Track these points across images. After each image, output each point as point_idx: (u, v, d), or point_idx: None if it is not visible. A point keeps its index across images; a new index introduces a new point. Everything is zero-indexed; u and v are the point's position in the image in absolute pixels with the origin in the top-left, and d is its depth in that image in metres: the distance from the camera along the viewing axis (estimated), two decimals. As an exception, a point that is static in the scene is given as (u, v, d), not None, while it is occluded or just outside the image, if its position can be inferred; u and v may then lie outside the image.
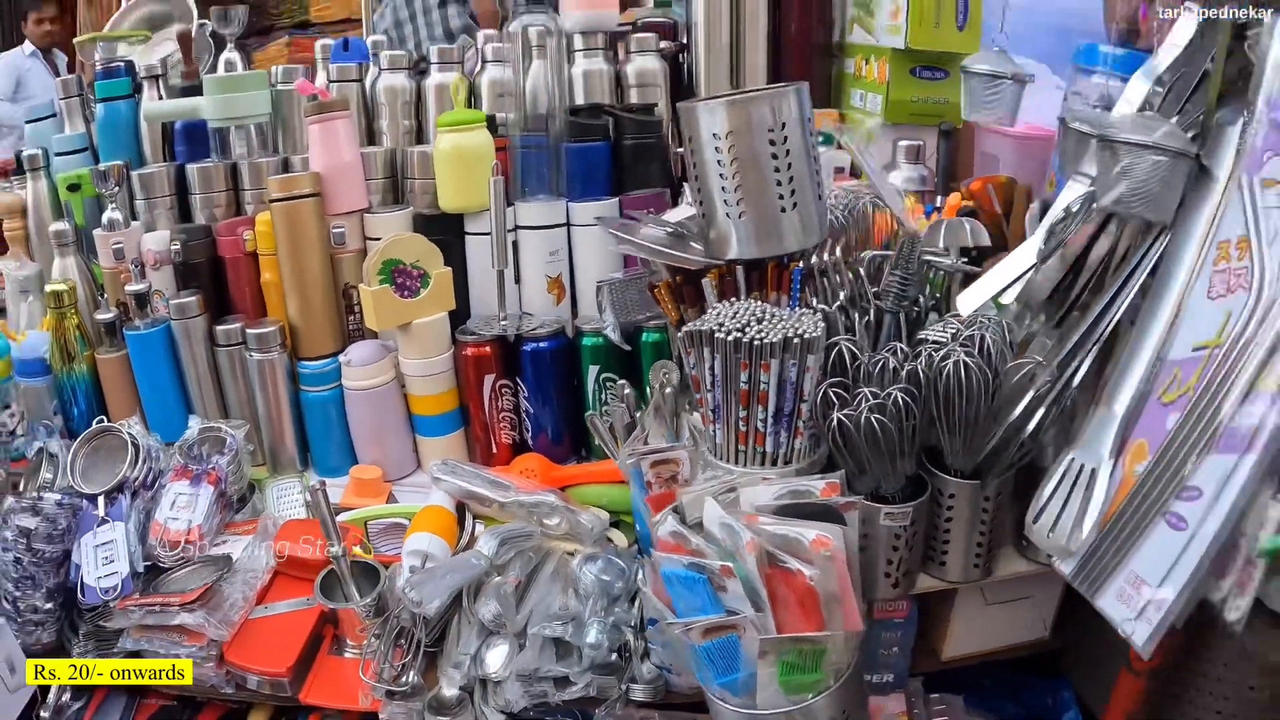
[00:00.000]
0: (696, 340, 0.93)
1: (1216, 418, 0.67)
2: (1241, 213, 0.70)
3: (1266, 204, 0.69)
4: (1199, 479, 0.68)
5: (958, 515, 0.99)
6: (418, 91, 1.63)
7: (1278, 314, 0.65)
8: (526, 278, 1.46)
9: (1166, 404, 0.71)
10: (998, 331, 0.96)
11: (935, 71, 1.56)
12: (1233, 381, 0.66)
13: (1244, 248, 0.69)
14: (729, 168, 0.99)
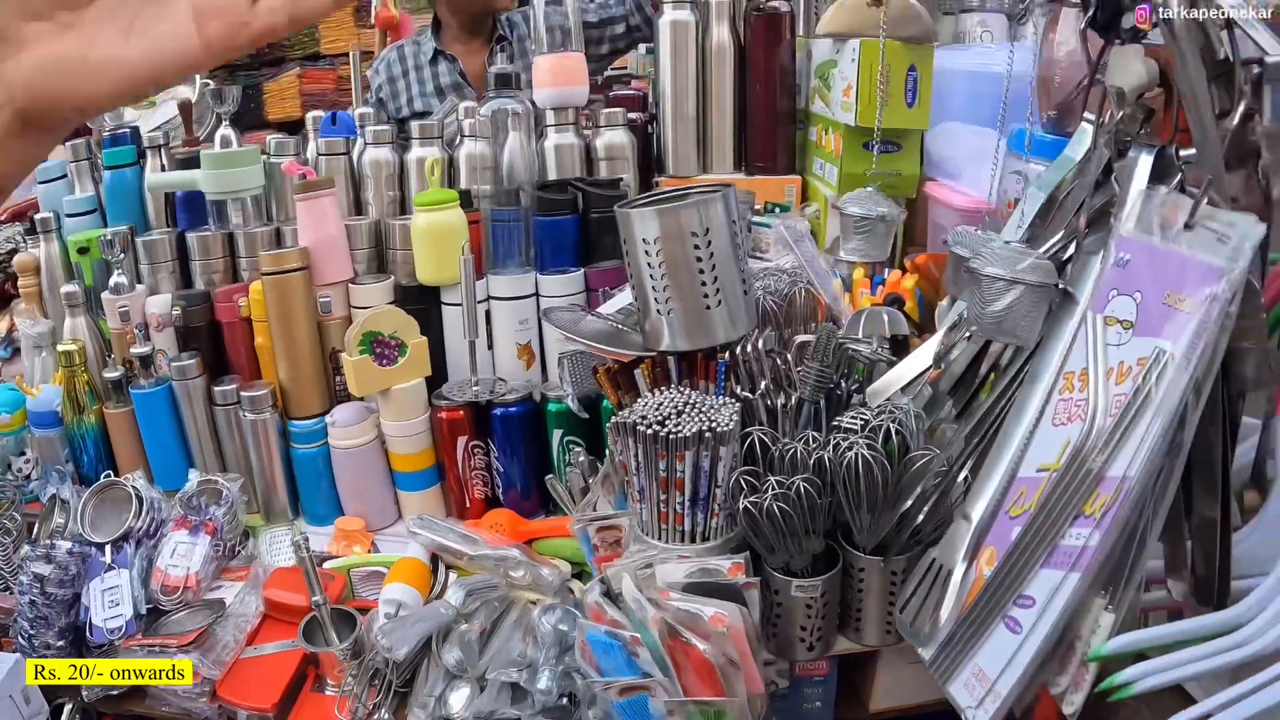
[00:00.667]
0: (621, 431, 1.05)
1: (1049, 536, 0.77)
2: (1084, 346, 0.80)
3: (1107, 340, 0.78)
4: (1033, 589, 0.78)
5: (868, 586, 1.10)
6: (401, 164, 1.74)
7: (1105, 447, 0.74)
8: (498, 344, 1.58)
9: (1013, 517, 0.81)
10: (907, 421, 1.06)
11: (888, 145, 1.66)
12: (1064, 504, 0.76)
13: (1085, 380, 0.78)
14: (658, 269, 1.11)
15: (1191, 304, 0.70)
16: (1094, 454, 0.74)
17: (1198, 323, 0.70)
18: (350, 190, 1.79)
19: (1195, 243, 0.73)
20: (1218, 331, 0.72)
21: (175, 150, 1.95)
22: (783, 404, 1.14)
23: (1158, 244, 0.75)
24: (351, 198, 1.79)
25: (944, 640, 0.83)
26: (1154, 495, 0.74)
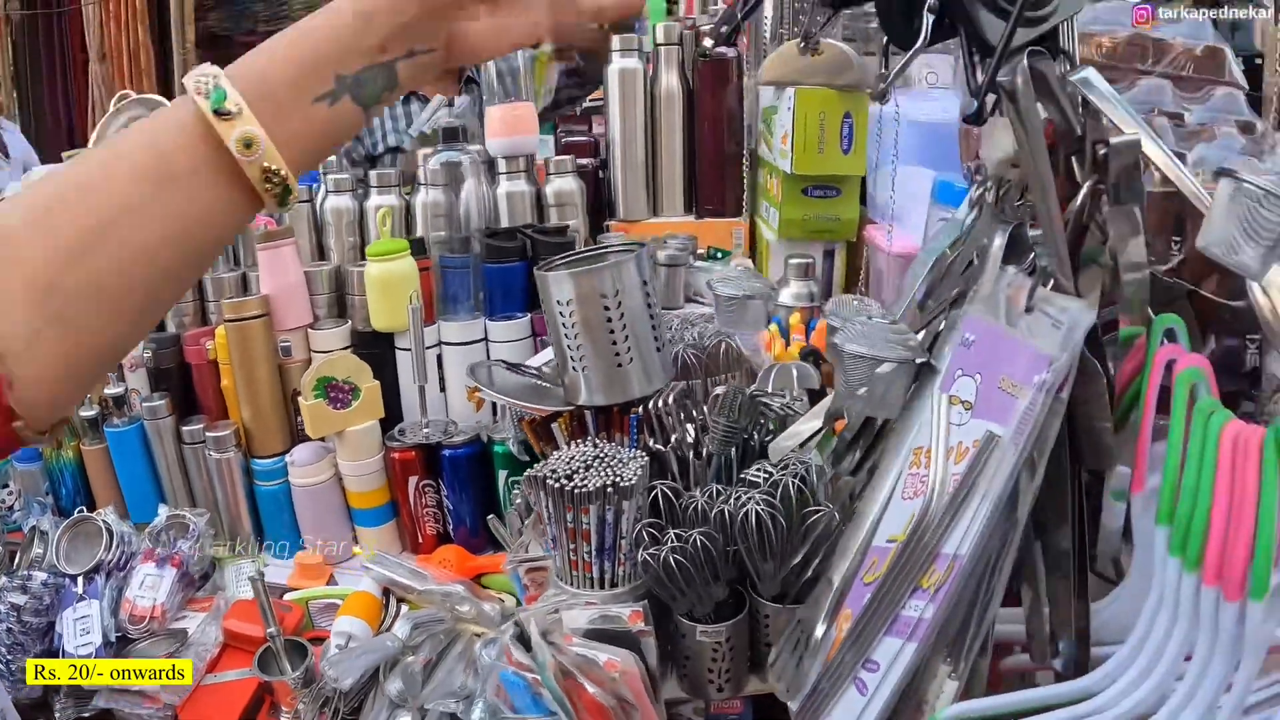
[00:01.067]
0: (533, 484, 1.13)
1: (892, 605, 0.84)
2: (929, 425, 0.87)
3: (950, 420, 0.85)
4: (878, 654, 0.85)
5: (774, 630, 1.17)
6: (360, 211, 1.83)
7: (938, 525, 0.81)
8: (450, 387, 1.67)
9: (866, 584, 0.87)
10: (809, 475, 1.13)
11: (827, 190, 1.73)
12: (904, 577, 0.83)
13: (928, 457, 0.85)
14: (572, 329, 1.19)
15: (1023, 390, 0.77)
16: (929, 531, 0.80)
17: (1024, 408, 0.76)
18: (313, 235, 1.87)
19: (1032, 327, 0.79)
20: (1045, 416, 0.78)
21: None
22: (694, 456, 1.22)
23: (999, 326, 0.81)
24: (314, 242, 1.87)
25: (808, 693, 0.90)
26: (990, 571, 0.80)
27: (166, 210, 0.58)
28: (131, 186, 0.57)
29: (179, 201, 0.58)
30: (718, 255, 1.79)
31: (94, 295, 0.57)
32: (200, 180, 0.59)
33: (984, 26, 0.72)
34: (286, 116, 0.60)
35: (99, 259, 0.57)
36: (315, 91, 0.61)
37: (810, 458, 1.16)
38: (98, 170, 0.58)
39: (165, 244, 0.59)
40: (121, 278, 0.58)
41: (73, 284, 0.56)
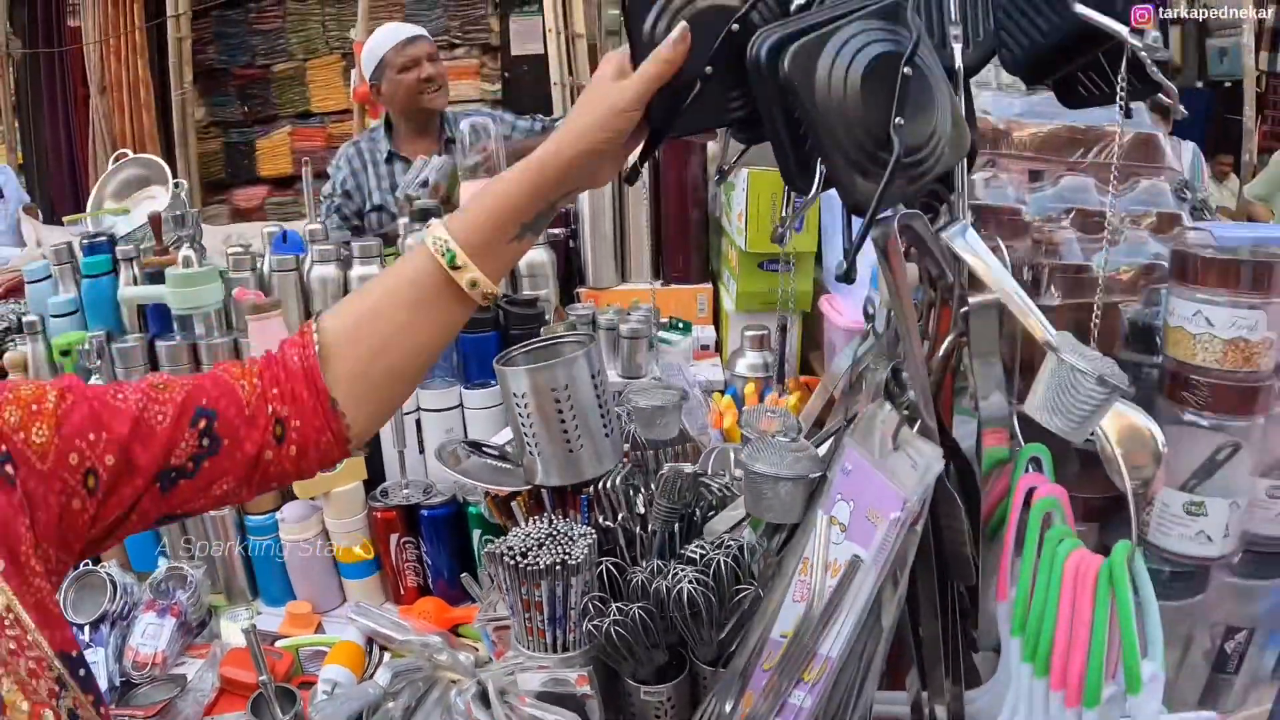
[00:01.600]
0: (492, 559, 1.27)
1: (781, 693, 0.98)
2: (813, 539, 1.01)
3: (830, 539, 0.98)
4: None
5: (710, 690, 1.31)
6: (344, 279, 1.98)
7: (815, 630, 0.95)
8: (428, 451, 1.81)
9: (765, 670, 1.02)
10: (740, 554, 1.27)
11: (783, 264, 1.88)
12: (790, 669, 0.97)
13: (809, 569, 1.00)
14: (527, 418, 1.33)
15: (882, 522, 0.91)
16: (809, 633, 0.94)
17: (881, 539, 0.90)
18: (300, 301, 2.02)
19: (895, 465, 0.93)
20: (901, 544, 0.91)
21: (147, 261, 2.18)
22: (640, 529, 1.36)
23: (869, 460, 0.95)
24: (301, 308, 2.02)
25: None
26: (860, 669, 0.95)
27: (426, 323, 1.00)
28: (404, 311, 0.99)
29: (433, 317, 1.00)
30: (679, 326, 1.93)
31: (388, 375, 1.00)
32: (444, 304, 0.99)
33: (854, 189, 0.84)
34: (492, 256, 0.98)
35: (390, 356, 0.99)
36: (508, 236, 0.98)
37: (744, 537, 1.30)
38: (382, 300, 1.00)
39: (427, 343, 1.01)
40: (403, 365, 1.01)
41: (376, 371, 0.99)
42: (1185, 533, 1.09)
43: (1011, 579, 0.90)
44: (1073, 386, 0.81)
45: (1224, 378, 1.05)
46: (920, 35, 0.81)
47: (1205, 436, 1.07)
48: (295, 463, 0.99)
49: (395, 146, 3.03)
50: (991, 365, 0.93)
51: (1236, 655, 1.17)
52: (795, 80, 0.78)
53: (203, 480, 0.94)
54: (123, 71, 6.17)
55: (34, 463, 0.84)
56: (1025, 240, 1.28)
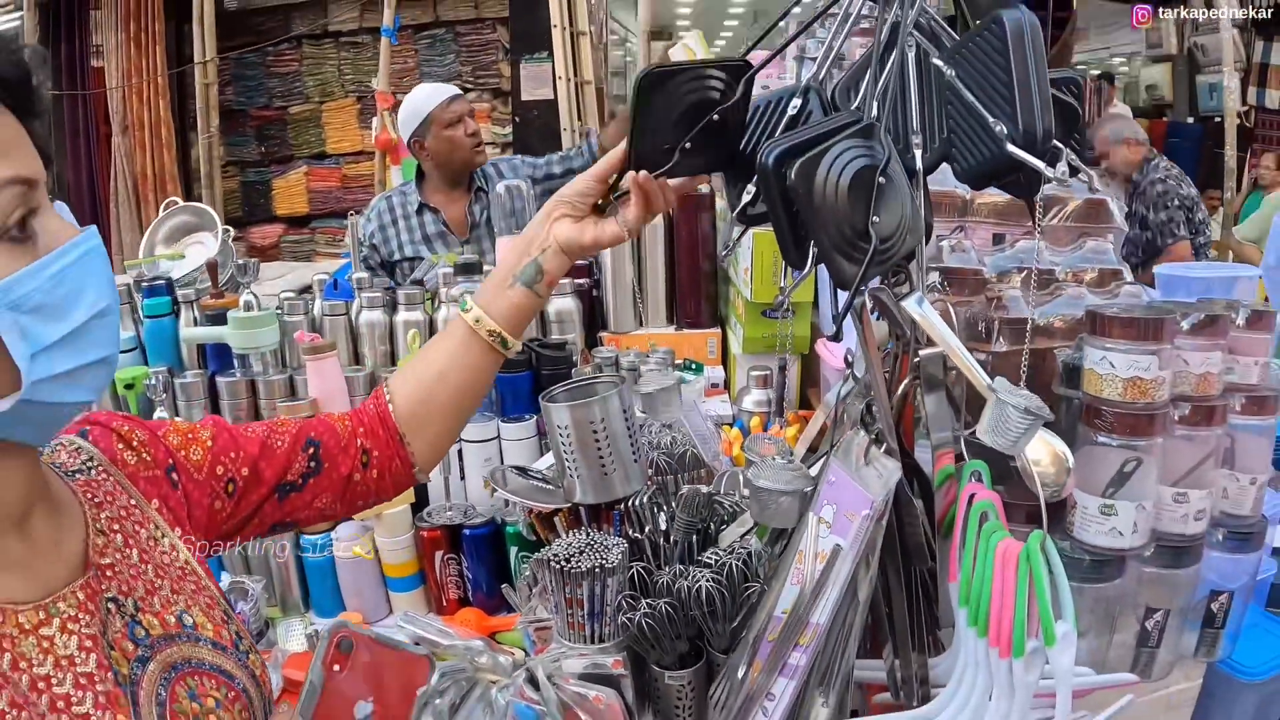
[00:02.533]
0: (539, 565, 1.55)
1: (782, 656, 1.26)
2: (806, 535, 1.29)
3: (818, 534, 1.25)
4: (774, 690, 1.26)
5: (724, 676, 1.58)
6: (390, 324, 2.26)
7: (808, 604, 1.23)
8: (469, 477, 2.09)
9: (769, 641, 1.30)
10: (749, 558, 1.54)
11: (783, 314, 2.16)
12: (789, 636, 1.25)
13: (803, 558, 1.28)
14: (567, 446, 1.61)
15: (856, 518, 1.19)
16: (803, 606, 1.22)
17: (855, 530, 1.18)
18: (350, 343, 2.31)
19: (867, 475, 1.21)
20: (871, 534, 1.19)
21: (204, 303, 2.46)
22: (664, 541, 1.64)
23: (847, 472, 1.23)
24: (351, 349, 2.30)
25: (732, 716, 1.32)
26: (842, 632, 1.23)
27: (465, 366, 1.31)
28: (447, 358, 1.31)
29: (470, 362, 1.31)
30: (691, 367, 2.21)
31: (440, 413, 1.33)
32: (476, 351, 1.31)
33: (841, 270, 1.13)
34: (497, 304, 1.30)
35: (439, 398, 1.32)
36: (504, 285, 1.30)
37: (751, 544, 1.58)
38: (429, 354, 1.33)
39: (465, 385, 1.33)
40: (450, 404, 1.33)
41: (430, 411, 1.32)
42: (1100, 529, 1.38)
43: (959, 564, 1.17)
44: (1008, 418, 1.10)
45: (1126, 408, 1.34)
46: (891, 152, 1.11)
47: (1115, 454, 1.36)
48: (376, 484, 1.31)
49: (426, 198, 3.30)
50: (939, 401, 1.23)
51: (1156, 631, 1.45)
52: (799, 186, 1.07)
53: (309, 494, 1.26)
54: (145, 112, 6.48)
55: (192, 473, 1.15)
56: (981, 296, 1.57)
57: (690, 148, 1.25)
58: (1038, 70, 1.04)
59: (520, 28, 6.84)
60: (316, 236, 7.24)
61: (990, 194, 1.81)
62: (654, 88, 1.23)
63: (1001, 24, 1.06)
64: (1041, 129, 1.03)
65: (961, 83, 1.10)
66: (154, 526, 1.08)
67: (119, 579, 0.99)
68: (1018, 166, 1.06)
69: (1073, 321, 1.57)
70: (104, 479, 1.07)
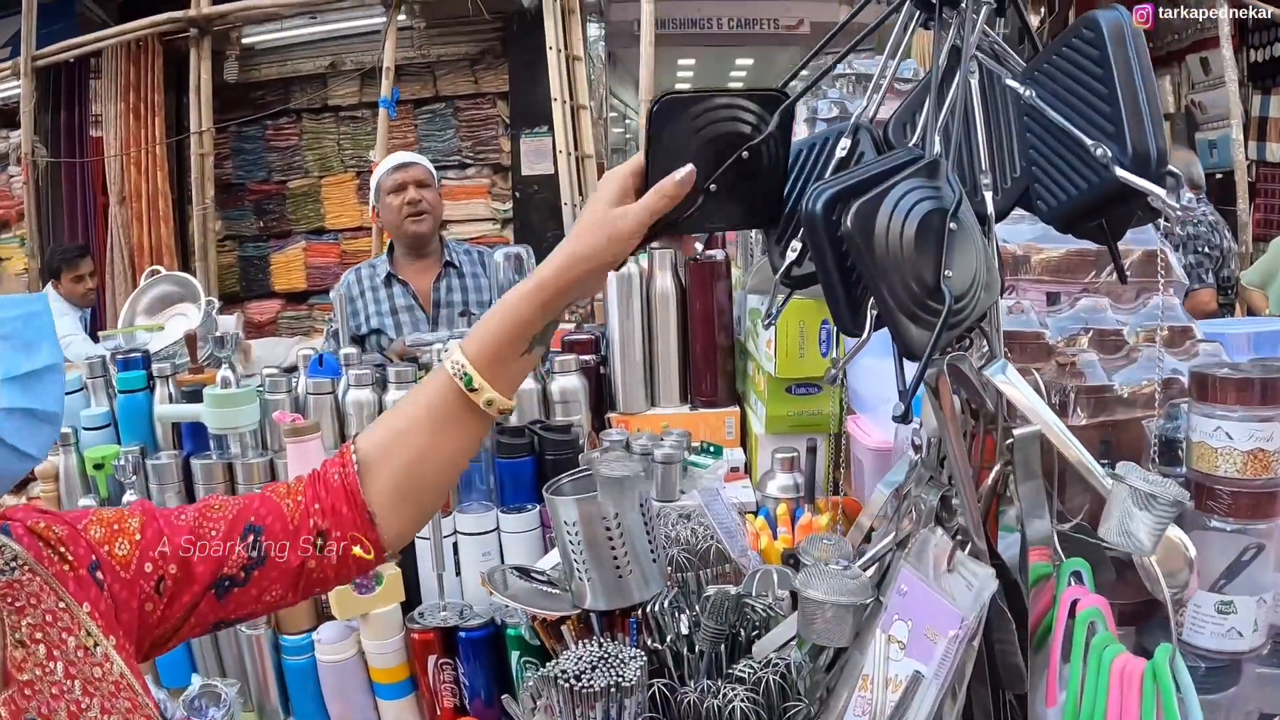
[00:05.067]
0: (545, 682, 1.33)
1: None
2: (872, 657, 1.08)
3: (888, 655, 1.05)
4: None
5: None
6: (379, 403, 2.06)
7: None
8: (465, 573, 1.88)
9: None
10: (788, 672, 1.33)
11: (809, 388, 1.97)
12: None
13: (870, 685, 1.07)
14: (576, 545, 1.40)
15: (941, 639, 0.98)
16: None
17: (942, 654, 0.98)
18: (336, 424, 2.11)
19: (951, 585, 1.01)
20: (961, 659, 0.99)
21: (181, 379, 2.27)
22: (688, 650, 1.42)
23: (925, 581, 1.03)
24: (337, 430, 2.10)
25: None
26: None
27: (449, 440, 1.12)
28: (428, 430, 1.11)
29: (454, 434, 1.12)
30: (709, 449, 2.01)
31: (419, 488, 1.14)
32: (463, 422, 1.11)
33: (908, 336, 0.94)
34: (505, 373, 1.10)
35: (419, 471, 1.12)
36: (519, 351, 1.10)
37: (790, 655, 1.36)
38: (410, 421, 1.13)
39: (451, 457, 1.13)
40: (432, 478, 1.14)
41: (408, 485, 1.12)
42: (1218, 630, 1.18)
43: (1060, 684, 0.96)
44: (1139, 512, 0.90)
45: (1244, 485, 1.15)
46: (961, 193, 0.91)
47: (1231, 540, 1.17)
48: (336, 570, 1.14)
49: (394, 269, 3.20)
50: (1036, 491, 1.02)
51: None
52: (856, 235, 0.88)
53: (254, 588, 1.10)
54: (143, 183, 6.40)
55: (118, 571, 1.03)
56: (1049, 362, 1.37)
57: (716, 191, 1.06)
58: (1144, 79, 0.85)
59: (520, 102, 6.78)
60: (315, 313, 7.10)
61: (1047, 248, 1.63)
62: (668, 116, 1.04)
63: (1097, 26, 0.87)
64: (1155, 148, 0.85)
65: (1046, 104, 0.91)
66: (84, 634, 0.98)
67: (38, 698, 0.92)
68: (1124, 199, 0.87)
69: (1154, 387, 1.36)
70: (28, 579, 0.97)
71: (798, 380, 1.98)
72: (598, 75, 6.98)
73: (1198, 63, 7.58)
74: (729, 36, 9.05)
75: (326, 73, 7.05)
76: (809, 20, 8.43)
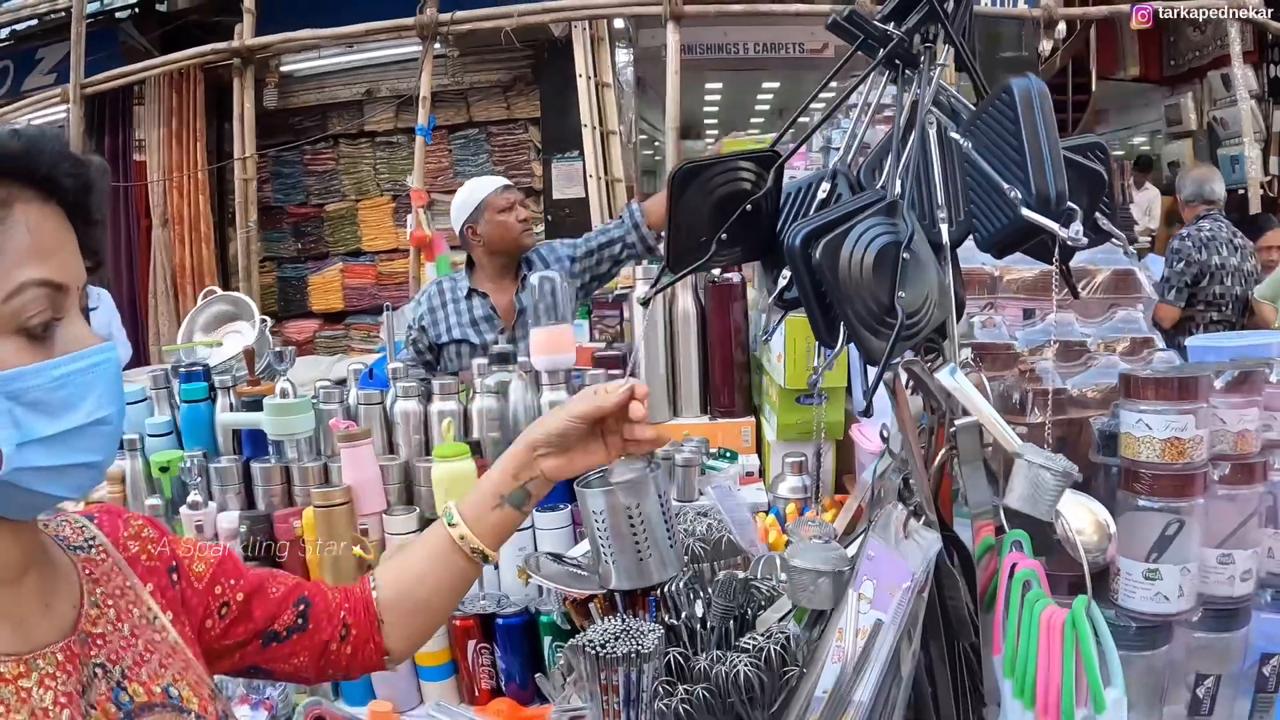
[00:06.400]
0: (574, 651, 1.55)
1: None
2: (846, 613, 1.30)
3: (859, 610, 1.26)
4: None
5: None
6: (425, 414, 2.30)
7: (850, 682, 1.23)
8: (503, 566, 2.10)
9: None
10: (789, 643, 1.54)
11: (816, 398, 2.19)
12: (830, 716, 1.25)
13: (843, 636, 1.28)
14: (603, 532, 1.62)
15: (896, 591, 1.20)
16: (844, 685, 1.23)
17: (897, 604, 1.19)
18: (384, 432, 2.34)
19: (906, 548, 1.23)
20: (913, 607, 1.20)
21: (241, 390, 2.51)
22: (701, 627, 1.64)
23: (887, 547, 1.25)
24: (385, 438, 2.34)
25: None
26: (885, 710, 1.23)
27: (444, 573, 1.36)
28: (429, 564, 1.36)
29: (449, 570, 1.36)
30: (725, 455, 2.23)
31: (415, 609, 1.37)
32: (456, 562, 1.35)
33: (869, 346, 1.16)
34: (483, 522, 1.35)
35: (417, 596, 1.36)
36: (491, 506, 1.35)
37: (789, 628, 1.58)
38: (413, 553, 1.39)
39: (442, 587, 1.37)
40: (427, 602, 1.37)
41: (408, 604, 1.36)
42: (1146, 595, 1.38)
43: (1002, 635, 1.18)
44: (1039, 481, 1.12)
45: (1163, 469, 1.36)
46: (914, 226, 1.14)
47: (1156, 517, 1.37)
48: (349, 660, 1.35)
49: (475, 284, 3.49)
50: (976, 470, 1.24)
51: (1208, 699, 1.44)
52: (824, 265, 1.11)
53: (288, 649, 1.30)
54: (184, 206, 6.70)
55: (193, 581, 1.22)
56: (1013, 369, 1.59)
57: (726, 239, 1.30)
58: (1048, 134, 1.09)
59: (551, 128, 7.05)
60: (351, 332, 7.40)
61: (1019, 269, 1.85)
62: (686, 182, 1.28)
63: (1010, 91, 1.11)
64: (1054, 191, 1.08)
65: (977, 153, 1.14)
66: (146, 609, 1.14)
67: (109, 647, 1.05)
68: (1035, 232, 1.09)
69: (1107, 390, 1.58)
70: (103, 559, 1.13)
71: (806, 391, 2.20)
72: (627, 101, 7.25)
73: (1219, 79, 7.74)
74: (754, 61, 9.26)
75: (363, 100, 7.37)
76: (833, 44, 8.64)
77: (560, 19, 6.38)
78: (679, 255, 1.29)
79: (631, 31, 7.80)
